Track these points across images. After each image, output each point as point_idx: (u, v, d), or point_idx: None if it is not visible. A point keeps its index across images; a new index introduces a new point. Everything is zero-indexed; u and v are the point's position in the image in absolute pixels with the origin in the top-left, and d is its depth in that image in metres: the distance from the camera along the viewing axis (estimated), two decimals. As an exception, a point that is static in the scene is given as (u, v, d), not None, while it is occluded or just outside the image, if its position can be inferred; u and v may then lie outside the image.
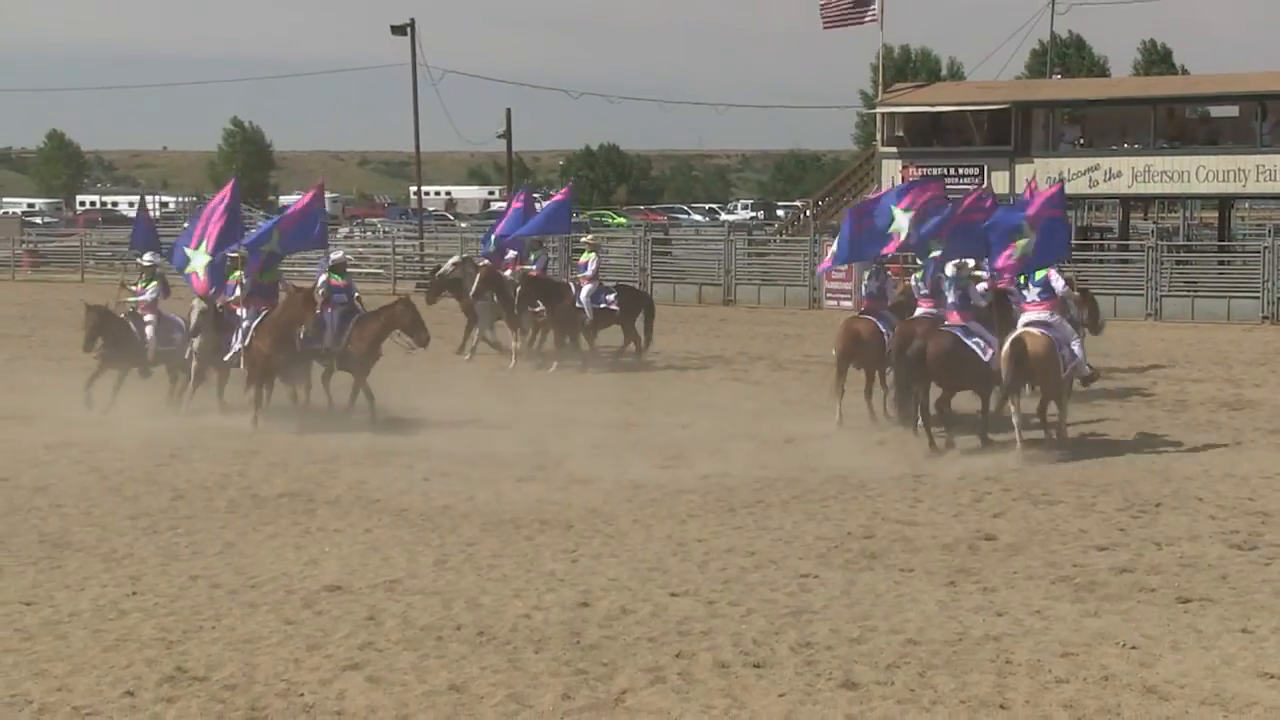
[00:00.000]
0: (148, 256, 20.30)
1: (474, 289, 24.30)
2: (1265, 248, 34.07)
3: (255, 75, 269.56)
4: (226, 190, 20.20)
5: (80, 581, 11.14)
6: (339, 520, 13.19)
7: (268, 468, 15.52)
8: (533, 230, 26.50)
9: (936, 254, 18.00)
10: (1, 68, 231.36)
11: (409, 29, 53.65)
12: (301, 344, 18.10)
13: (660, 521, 13.13)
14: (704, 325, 32.77)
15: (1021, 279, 17.04)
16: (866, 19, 43.40)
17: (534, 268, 25.46)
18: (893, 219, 19.05)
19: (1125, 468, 15.71)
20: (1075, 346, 17.16)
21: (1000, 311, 17.44)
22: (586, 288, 24.61)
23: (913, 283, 19.32)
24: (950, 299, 17.24)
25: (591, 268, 25.15)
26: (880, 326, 18.50)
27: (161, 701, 8.55)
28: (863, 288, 19.74)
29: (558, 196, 29.71)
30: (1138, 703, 8.50)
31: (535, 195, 31.80)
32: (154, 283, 19.39)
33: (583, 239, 29.03)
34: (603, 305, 24.61)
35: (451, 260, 25.87)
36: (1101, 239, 40.80)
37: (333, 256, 21.27)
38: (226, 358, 18.35)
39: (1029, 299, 16.97)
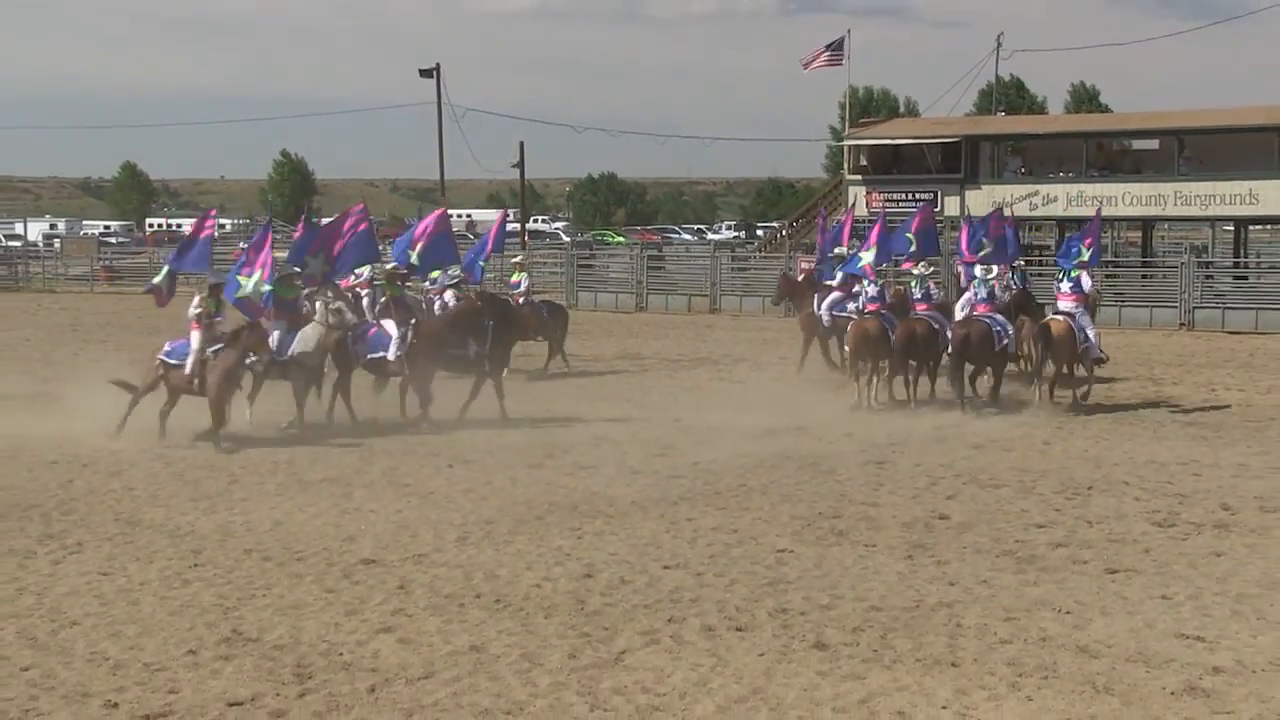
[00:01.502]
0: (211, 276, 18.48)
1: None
2: (1182, 264, 34.11)
3: (300, 113, 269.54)
4: (354, 211, 19.32)
5: (149, 555, 11.15)
6: (374, 502, 13.19)
7: (311, 456, 15.51)
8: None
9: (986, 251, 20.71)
10: (84, 107, 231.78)
11: (435, 72, 53.76)
12: (456, 350, 17.98)
13: (655, 503, 13.13)
14: (692, 331, 32.77)
15: (1059, 274, 19.63)
16: (837, 62, 43.56)
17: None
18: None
19: (1061, 455, 15.74)
20: (1091, 334, 19.29)
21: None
22: (522, 303, 24.04)
23: (913, 288, 20.36)
24: (981, 294, 19.38)
25: (524, 285, 24.78)
26: (884, 324, 19.43)
27: (219, 660, 8.57)
28: (864, 293, 20.33)
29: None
30: (1071, 660, 8.51)
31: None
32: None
33: (513, 260, 28.37)
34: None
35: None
36: (1040, 256, 40.73)
37: (451, 273, 20.76)
38: (392, 360, 17.61)
39: (1064, 290, 19.41)
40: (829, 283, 23.47)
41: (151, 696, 7.95)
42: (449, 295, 19.46)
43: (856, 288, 21.31)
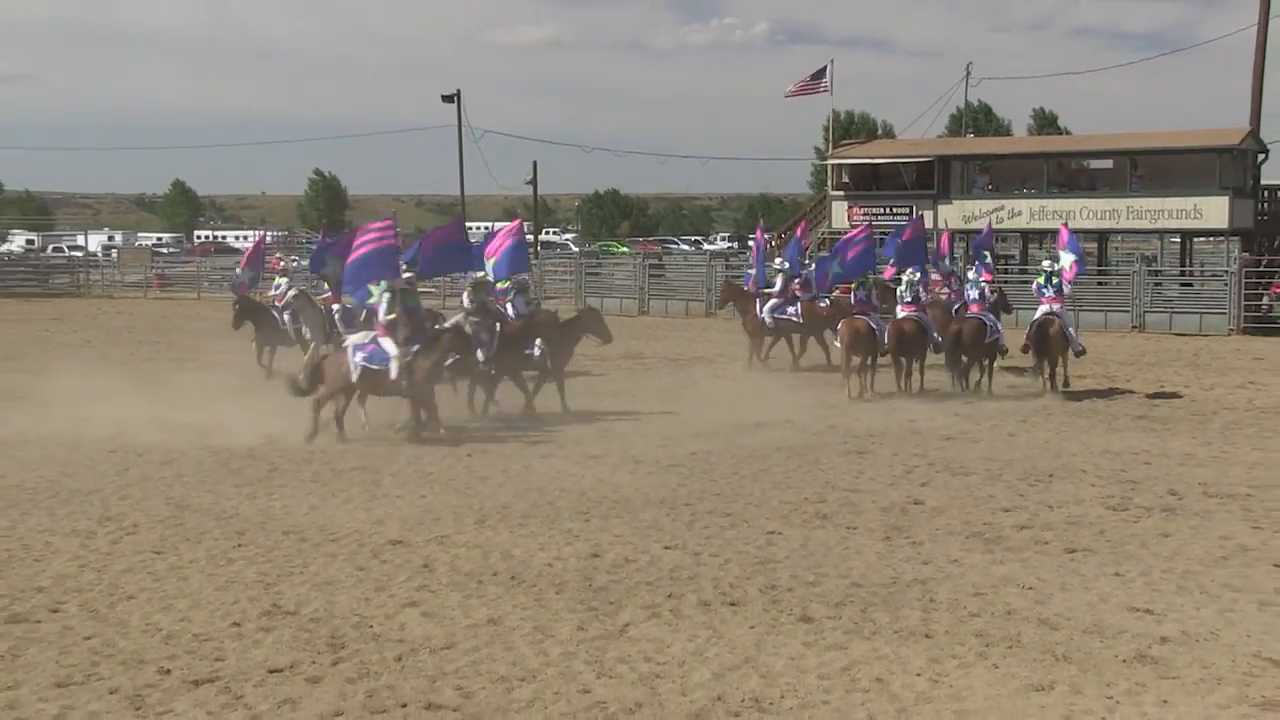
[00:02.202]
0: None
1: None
2: (1134, 272, 34.16)
3: (334, 135, 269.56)
4: (513, 226, 19.16)
5: (198, 536, 11.16)
6: (400, 489, 13.20)
7: (343, 447, 15.50)
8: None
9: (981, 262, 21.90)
10: (138, 130, 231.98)
11: (456, 98, 53.72)
12: (528, 350, 18.14)
13: (655, 489, 13.13)
14: (690, 333, 32.75)
15: (1042, 279, 20.51)
16: (821, 89, 43.55)
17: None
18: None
19: (1024, 446, 15.73)
20: (1072, 330, 20.28)
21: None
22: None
23: (902, 292, 20.68)
24: (973, 295, 20.43)
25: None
26: (871, 324, 19.81)
27: (261, 630, 8.58)
28: (853, 296, 20.75)
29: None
30: (1034, 632, 8.52)
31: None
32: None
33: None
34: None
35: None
36: (1005, 264, 40.75)
37: (520, 279, 20.47)
38: (481, 362, 17.42)
39: (1049, 294, 20.18)
40: (767, 290, 24.38)
41: (200, 663, 7.97)
42: (520, 301, 19.09)
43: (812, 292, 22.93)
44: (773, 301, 24.14)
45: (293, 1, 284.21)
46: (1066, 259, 21.27)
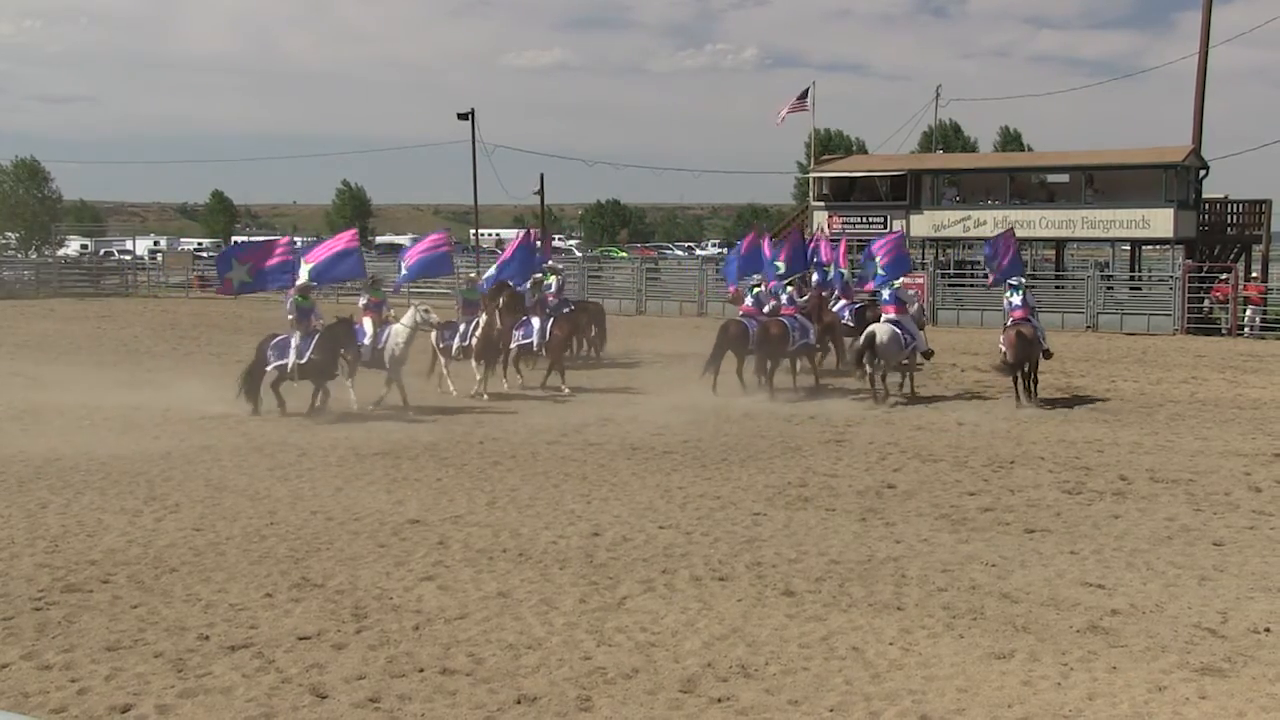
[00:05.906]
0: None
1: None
2: (1088, 277, 34.21)
3: (359, 149, 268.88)
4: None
5: (233, 514, 11.14)
6: (418, 472, 13.18)
7: (366, 434, 15.49)
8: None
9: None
10: (182, 145, 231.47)
11: (470, 116, 53.58)
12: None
13: (651, 474, 13.12)
14: (683, 331, 32.65)
15: (1007, 291, 19.40)
16: (804, 108, 43.47)
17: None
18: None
19: (988, 435, 15.73)
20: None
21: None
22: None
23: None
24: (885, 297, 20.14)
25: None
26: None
27: (291, 601, 8.57)
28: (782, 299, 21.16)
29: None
30: (996, 604, 8.51)
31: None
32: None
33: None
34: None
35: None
36: (972, 270, 40.71)
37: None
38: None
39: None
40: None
41: (236, 630, 7.96)
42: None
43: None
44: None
45: (324, 30, 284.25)
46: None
